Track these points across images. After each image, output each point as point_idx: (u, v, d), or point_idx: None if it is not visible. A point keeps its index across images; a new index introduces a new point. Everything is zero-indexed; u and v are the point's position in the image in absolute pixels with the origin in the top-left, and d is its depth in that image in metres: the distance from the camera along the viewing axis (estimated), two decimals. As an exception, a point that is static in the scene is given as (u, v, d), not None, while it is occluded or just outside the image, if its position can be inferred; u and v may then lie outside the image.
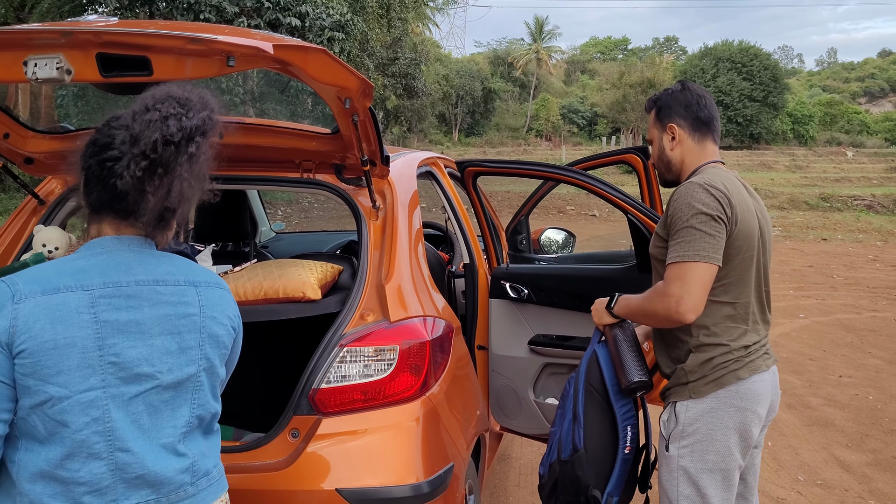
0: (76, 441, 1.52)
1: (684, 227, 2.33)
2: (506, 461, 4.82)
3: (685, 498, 2.44)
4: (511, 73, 68.77)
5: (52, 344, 1.50)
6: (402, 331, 2.52)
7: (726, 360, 2.41)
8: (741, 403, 2.41)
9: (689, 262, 2.30)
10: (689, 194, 2.37)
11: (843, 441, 5.34)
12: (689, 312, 2.29)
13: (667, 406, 2.52)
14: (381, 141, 2.60)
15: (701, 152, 2.59)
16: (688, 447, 2.42)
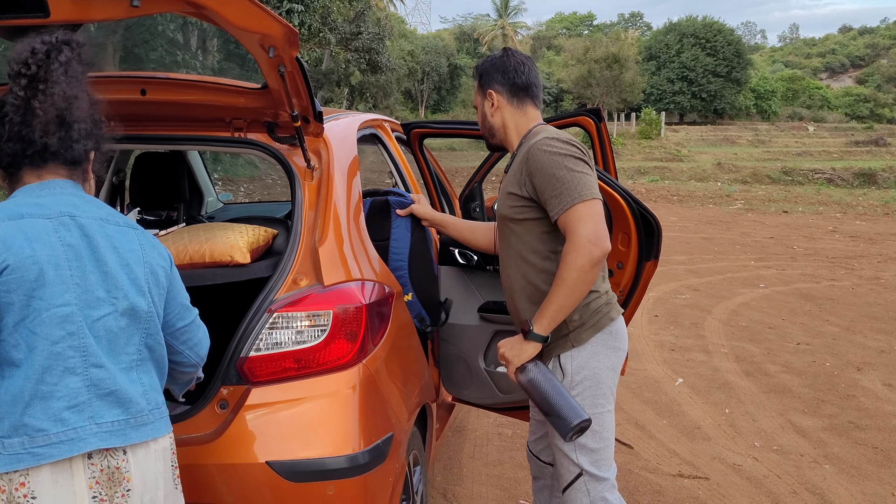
0: (53, 354, 1.60)
1: (560, 172, 2.35)
2: (462, 433, 4.73)
3: (584, 447, 2.51)
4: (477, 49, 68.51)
5: (32, 260, 1.60)
6: (337, 295, 2.39)
7: (600, 303, 2.52)
8: (615, 343, 2.55)
9: (586, 201, 2.32)
10: (549, 146, 2.41)
11: (799, 407, 5.33)
12: (606, 241, 2.31)
13: (550, 361, 2.54)
14: (312, 95, 2.45)
15: (523, 116, 2.65)
16: (578, 396, 2.47)
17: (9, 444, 1.56)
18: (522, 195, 2.48)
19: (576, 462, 2.55)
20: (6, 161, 1.74)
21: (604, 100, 47.62)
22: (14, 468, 1.55)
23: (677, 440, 4.67)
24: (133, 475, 1.71)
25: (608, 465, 2.59)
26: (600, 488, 2.57)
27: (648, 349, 6.78)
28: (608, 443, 2.56)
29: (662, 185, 29.97)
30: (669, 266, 11.41)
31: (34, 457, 1.57)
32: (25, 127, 1.68)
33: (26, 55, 1.65)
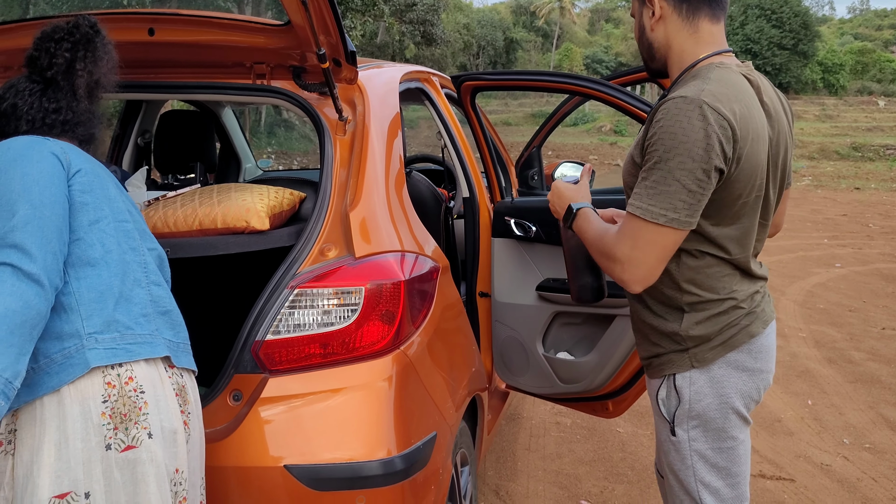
0: (123, 262, 1.67)
1: (662, 167, 1.70)
2: (517, 421, 4.35)
3: (706, 486, 1.92)
4: (534, 22, 67.44)
5: (95, 172, 1.70)
6: (370, 268, 2.01)
7: (735, 316, 1.87)
8: (756, 365, 1.91)
9: (651, 223, 1.72)
10: (682, 120, 1.68)
11: (891, 399, 4.81)
12: (634, 284, 1.78)
13: (662, 380, 1.95)
14: (342, 32, 2.06)
15: (694, 34, 1.88)
16: (700, 427, 1.90)
17: (102, 340, 1.58)
18: (637, 161, 1.84)
19: (697, 499, 1.95)
20: (24, 128, 1.74)
21: (664, 73, 46.48)
22: (110, 362, 1.56)
23: (756, 434, 4.21)
24: (191, 399, 1.74)
25: (739, 501, 1.97)
26: None
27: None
28: (739, 474, 1.95)
29: (725, 160, 29.05)
30: (737, 244, 10.83)
31: (128, 352, 1.60)
32: (53, 94, 1.76)
33: (71, 26, 1.78)
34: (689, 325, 1.87)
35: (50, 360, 1.53)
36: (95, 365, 1.54)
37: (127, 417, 1.56)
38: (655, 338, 1.95)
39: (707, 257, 1.85)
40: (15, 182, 1.54)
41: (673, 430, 1.92)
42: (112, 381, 1.56)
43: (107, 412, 1.54)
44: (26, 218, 1.50)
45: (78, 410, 1.52)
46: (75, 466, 1.50)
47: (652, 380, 2.00)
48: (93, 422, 1.52)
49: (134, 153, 3.75)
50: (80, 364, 1.53)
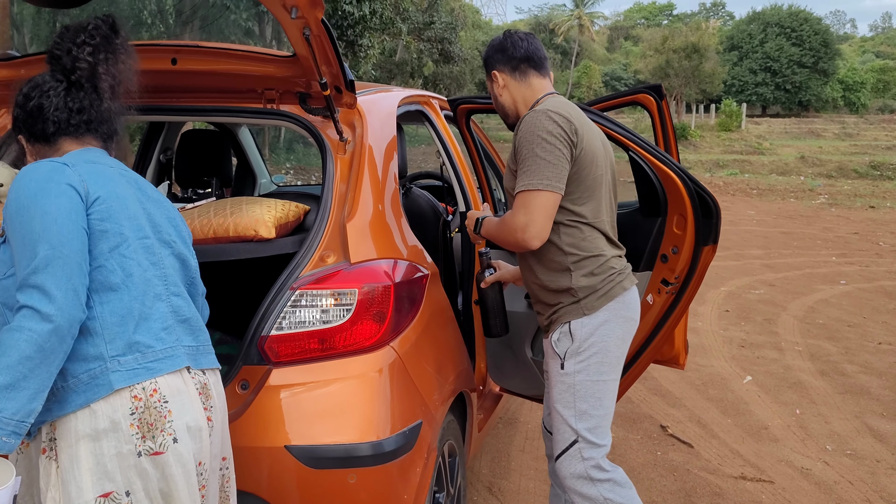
0: (145, 280, 1.77)
1: (527, 154, 2.41)
2: (513, 425, 4.57)
3: (583, 414, 2.53)
4: (552, 39, 67.77)
5: (115, 194, 1.77)
6: (364, 273, 2.26)
7: (611, 272, 2.55)
8: (628, 313, 2.59)
9: (534, 191, 2.38)
10: (532, 122, 2.43)
11: (877, 410, 4.99)
12: (533, 239, 2.40)
13: (558, 327, 2.57)
14: (342, 62, 2.32)
15: (528, 88, 2.67)
16: (584, 361, 2.52)
17: (124, 362, 1.70)
18: (513, 168, 2.52)
19: (573, 427, 2.55)
20: (51, 129, 1.83)
21: (682, 91, 46.47)
22: (131, 383, 1.69)
23: (742, 440, 4.41)
24: (214, 394, 1.89)
25: (605, 434, 2.60)
26: (595, 454, 2.56)
27: (716, 345, 6.48)
28: (608, 411, 2.60)
29: (742, 178, 29.08)
30: (744, 260, 10.98)
31: (149, 371, 1.73)
32: (77, 94, 1.83)
33: (91, 28, 1.85)
34: (577, 279, 2.52)
35: (77, 380, 1.67)
36: (118, 387, 1.68)
37: (154, 426, 1.71)
38: (552, 298, 2.58)
39: (579, 225, 2.52)
40: (35, 221, 1.63)
41: (563, 364, 2.52)
42: (138, 395, 1.70)
43: (135, 423, 1.69)
44: (47, 258, 1.60)
45: (108, 423, 1.67)
46: (112, 470, 1.66)
47: (549, 332, 2.58)
48: (123, 432, 1.68)
49: (156, 169, 4.04)
50: (104, 385, 1.67)
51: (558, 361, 2.55)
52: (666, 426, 4.57)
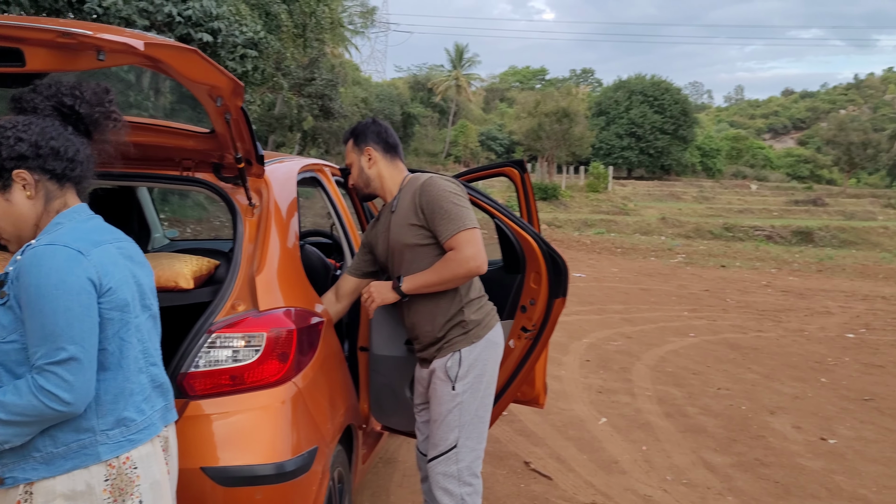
0: (132, 358, 1.98)
1: (449, 205, 2.95)
2: (391, 464, 4.97)
3: (467, 424, 3.05)
4: (431, 98, 69.51)
5: (121, 280, 1.95)
6: (271, 319, 2.66)
7: (489, 308, 3.18)
8: (499, 340, 3.18)
9: (472, 228, 2.93)
10: (438, 185, 3.01)
11: (712, 445, 5.68)
12: (483, 265, 2.93)
13: (449, 355, 3.09)
14: (255, 140, 2.75)
15: (396, 169, 3.25)
16: (470, 383, 3.06)
17: (112, 435, 1.93)
18: (419, 224, 3.02)
19: (456, 435, 3.06)
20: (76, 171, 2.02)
21: (553, 152, 48.60)
22: (117, 454, 1.93)
23: (595, 473, 4.97)
24: (171, 445, 2.16)
25: (480, 442, 3.13)
26: (469, 458, 3.08)
27: (577, 391, 7.10)
28: (485, 423, 3.14)
29: (608, 237, 30.66)
30: (606, 315, 11.82)
31: (131, 442, 1.96)
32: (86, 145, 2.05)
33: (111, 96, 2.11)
34: (469, 314, 3.09)
35: (68, 448, 1.87)
36: (105, 459, 1.90)
37: (124, 491, 1.93)
38: (444, 329, 3.06)
39: None
40: (59, 316, 1.80)
41: (454, 386, 3.04)
42: (113, 463, 1.92)
43: (108, 488, 1.91)
44: (72, 355, 1.81)
45: (85, 487, 1.88)
46: None
47: (437, 359, 3.08)
48: (97, 496, 1.89)
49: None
50: (92, 455, 1.89)
51: (449, 384, 3.07)
52: (529, 462, 5.08)
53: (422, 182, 3.06)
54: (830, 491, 4.84)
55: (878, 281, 20.58)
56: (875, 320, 12.71)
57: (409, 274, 3.08)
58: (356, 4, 46.54)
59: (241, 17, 15.17)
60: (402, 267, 3.12)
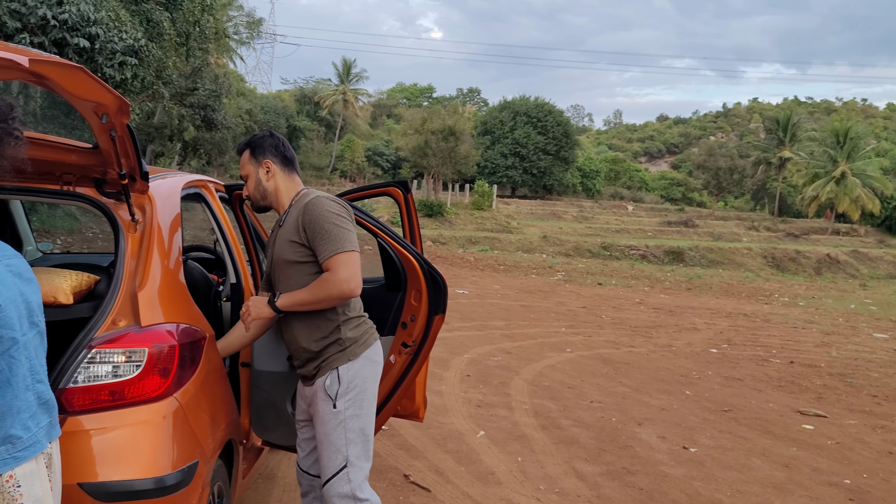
0: (21, 376, 1.96)
1: (329, 226, 3.01)
2: (271, 480, 4.98)
3: (353, 442, 3.12)
4: (317, 112, 69.10)
5: (9, 299, 1.93)
6: (152, 335, 2.69)
7: (367, 326, 3.26)
8: (377, 358, 3.27)
9: (348, 251, 2.99)
10: (322, 205, 3.06)
11: (583, 455, 5.95)
12: (357, 288, 3.00)
13: (328, 373, 3.15)
14: (139, 157, 2.77)
15: (292, 182, 3.32)
16: (351, 400, 3.14)
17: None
18: (300, 242, 3.08)
19: (344, 455, 3.11)
20: None
21: (439, 170, 49.12)
22: (3, 471, 1.92)
23: (472, 484, 5.13)
24: (54, 462, 2.14)
25: (368, 458, 3.20)
26: (359, 476, 3.14)
27: (457, 405, 7.27)
28: (369, 438, 3.21)
29: (491, 254, 31.28)
30: (487, 331, 12.10)
31: (16, 460, 1.95)
32: None
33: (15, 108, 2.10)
34: (345, 332, 3.16)
35: None
36: None
37: None
38: (321, 347, 3.13)
39: None
40: None
41: (335, 404, 3.10)
42: None
43: None
44: None
45: None
46: None
47: (316, 379, 3.14)
48: None
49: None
50: None
51: (330, 402, 3.12)
52: (408, 475, 5.20)
53: (307, 200, 3.11)
54: (690, 496, 5.17)
55: (740, 299, 21.85)
56: (736, 336, 13.51)
57: (287, 290, 3.14)
58: (242, 15, 45.89)
59: (121, 24, 14.76)
60: (281, 283, 3.19)
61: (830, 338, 14.09)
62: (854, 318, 18.07)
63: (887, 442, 6.99)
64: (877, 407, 8.47)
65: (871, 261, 41.90)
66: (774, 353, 11.87)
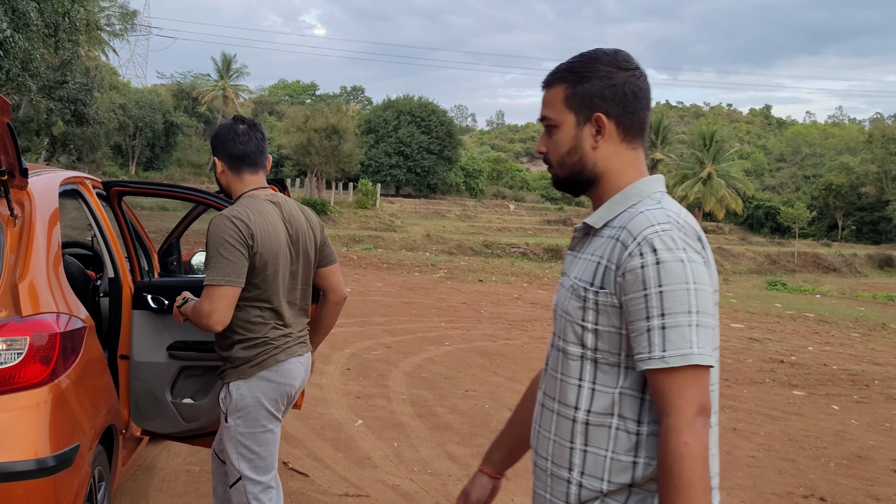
0: None
1: (213, 254, 2.98)
2: (150, 471, 5.08)
3: (243, 457, 3.15)
4: (196, 108, 67.36)
5: None
6: (33, 324, 2.82)
7: (266, 348, 3.13)
8: (280, 379, 3.16)
9: (216, 286, 2.95)
10: (216, 224, 3.00)
11: (455, 440, 6.29)
12: (216, 325, 2.97)
13: (224, 386, 3.18)
14: (19, 154, 2.89)
15: (240, 182, 3.23)
16: (241, 418, 3.12)
17: None
18: None
19: (237, 468, 3.18)
20: None
21: (322, 168, 48.92)
22: None
23: (349, 469, 5.38)
24: None
25: (265, 472, 3.21)
26: (256, 490, 3.20)
27: (336, 397, 7.49)
28: (266, 454, 3.20)
29: (375, 253, 31.44)
30: (368, 326, 12.33)
31: None
32: None
33: None
34: (237, 351, 3.09)
35: None
36: None
37: None
38: (223, 358, 3.15)
39: (251, 310, 3.11)
40: None
41: (226, 418, 3.13)
42: None
43: None
44: None
45: None
46: None
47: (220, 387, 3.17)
48: None
49: None
50: None
51: (223, 415, 3.16)
52: (287, 462, 5.39)
53: (217, 214, 3.08)
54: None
55: (613, 294, 22.78)
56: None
57: None
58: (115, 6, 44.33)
59: (-14, 14, 14.19)
60: None
61: (692, 328, 15.02)
62: (715, 310, 19.23)
63: (732, 420, 7.66)
64: (727, 389, 9.19)
65: (734, 257, 44.48)
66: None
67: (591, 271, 1.64)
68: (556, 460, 1.70)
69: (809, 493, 5.53)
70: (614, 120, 1.70)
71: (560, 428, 1.70)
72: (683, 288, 1.50)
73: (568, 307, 1.68)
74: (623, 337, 1.58)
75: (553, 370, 1.74)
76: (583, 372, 1.64)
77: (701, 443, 1.49)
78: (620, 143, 1.72)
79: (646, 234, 1.54)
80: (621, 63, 1.70)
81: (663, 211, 1.60)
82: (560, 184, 1.82)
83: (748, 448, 6.66)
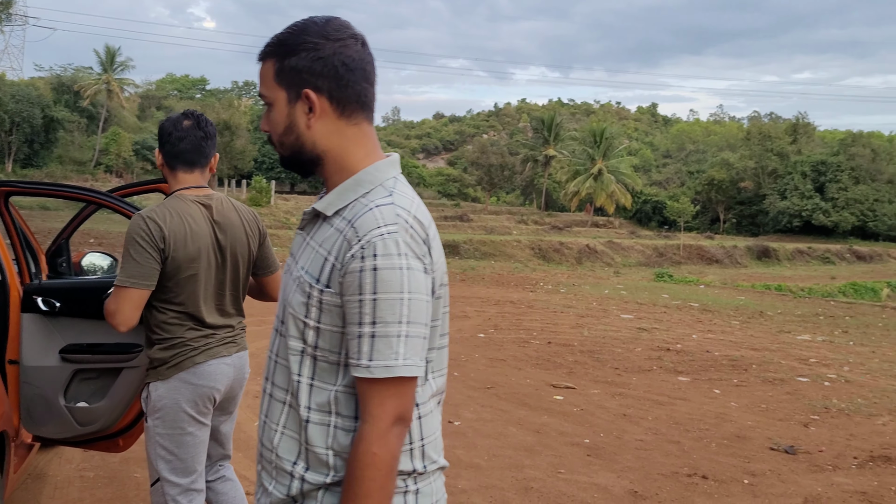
0: None
1: (124, 253, 2.94)
2: (41, 479, 4.93)
3: (161, 458, 3.11)
4: (78, 102, 64.47)
5: None
6: (-82, 331, 2.73)
7: (182, 350, 3.06)
8: (199, 381, 3.08)
9: (122, 287, 2.89)
10: (132, 223, 2.95)
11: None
12: (121, 325, 2.92)
13: (145, 386, 3.15)
14: None
15: (173, 179, 3.18)
16: (160, 419, 3.08)
17: None
18: None
19: (156, 468, 3.16)
20: None
21: (214, 165, 47.79)
22: None
23: (249, 468, 5.35)
24: None
25: (185, 474, 3.15)
26: (174, 492, 3.16)
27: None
28: (186, 456, 3.14)
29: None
30: (266, 326, 12.18)
31: None
32: None
33: None
34: (155, 352, 3.08)
35: None
36: None
37: None
38: (148, 360, 3.13)
39: (167, 312, 3.06)
40: None
41: (146, 418, 3.11)
42: None
43: None
44: None
45: None
46: None
47: None
48: None
49: None
50: None
51: (145, 416, 3.13)
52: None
53: (137, 213, 3.01)
54: (452, 462, 5.69)
55: (509, 288, 23.32)
56: (503, 321, 14.53)
57: None
58: (-12, -6, 42.10)
59: None
60: None
61: (584, 320, 15.49)
62: (606, 302, 19.90)
63: (623, 406, 7.99)
64: (618, 377, 9.56)
65: (623, 250, 45.91)
66: (535, 335, 12.91)
67: (318, 266, 1.58)
68: (281, 452, 1.63)
69: (693, 472, 5.85)
70: (325, 95, 1.60)
71: (273, 411, 1.66)
72: (397, 298, 1.47)
73: (292, 300, 1.61)
74: (343, 336, 1.55)
75: (275, 355, 1.70)
76: (302, 367, 1.60)
77: (390, 454, 1.48)
78: (338, 120, 1.62)
79: (371, 237, 1.49)
80: (331, 33, 1.60)
81: (393, 208, 1.54)
82: (286, 163, 1.74)
83: (637, 432, 6.96)
